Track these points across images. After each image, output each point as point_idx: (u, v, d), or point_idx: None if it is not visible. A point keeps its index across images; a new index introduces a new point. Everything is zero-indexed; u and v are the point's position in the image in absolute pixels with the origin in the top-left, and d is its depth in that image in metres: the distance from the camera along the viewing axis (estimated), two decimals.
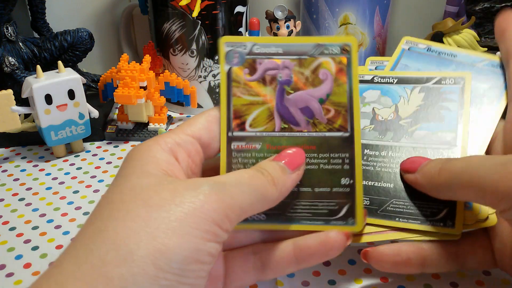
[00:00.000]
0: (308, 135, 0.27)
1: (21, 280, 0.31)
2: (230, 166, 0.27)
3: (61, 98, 0.43)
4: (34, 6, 0.53)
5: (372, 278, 0.30)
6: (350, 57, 0.28)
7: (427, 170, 0.27)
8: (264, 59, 0.28)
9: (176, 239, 0.20)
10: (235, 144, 0.27)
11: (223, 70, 0.28)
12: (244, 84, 0.28)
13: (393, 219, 0.28)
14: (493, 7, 0.57)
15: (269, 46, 0.28)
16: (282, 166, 0.25)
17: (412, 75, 0.32)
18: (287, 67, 0.28)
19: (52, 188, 0.42)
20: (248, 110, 0.28)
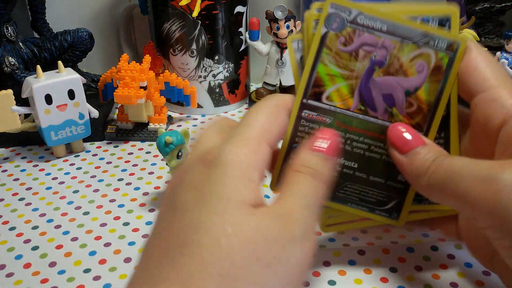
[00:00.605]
0: (381, 123, 0.26)
1: (21, 280, 0.31)
2: (295, 134, 0.26)
3: (61, 98, 0.43)
4: (34, 6, 0.53)
5: (372, 279, 0.30)
6: (454, 56, 0.26)
7: (416, 162, 0.25)
8: (365, 32, 0.26)
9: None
10: (306, 112, 0.26)
11: (319, 32, 0.26)
12: (335, 53, 0.26)
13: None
14: (493, 7, 0.57)
15: (375, 19, 0.25)
16: (326, 158, 0.24)
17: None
18: (385, 47, 0.26)
19: (52, 188, 0.42)
20: (330, 81, 0.26)
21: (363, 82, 0.26)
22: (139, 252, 0.33)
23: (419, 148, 0.25)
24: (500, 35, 0.59)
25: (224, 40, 0.54)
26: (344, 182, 0.27)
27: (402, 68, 0.26)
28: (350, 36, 0.26)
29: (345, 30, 0.26)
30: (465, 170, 0.23)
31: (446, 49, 0.26)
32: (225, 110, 0.58)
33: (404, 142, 0.26)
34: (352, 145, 0.27)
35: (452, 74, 0.26)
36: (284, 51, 0.53)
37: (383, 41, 0.26)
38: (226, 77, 0.56)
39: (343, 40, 0.26)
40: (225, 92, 0.57)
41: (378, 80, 0.26)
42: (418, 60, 0.26)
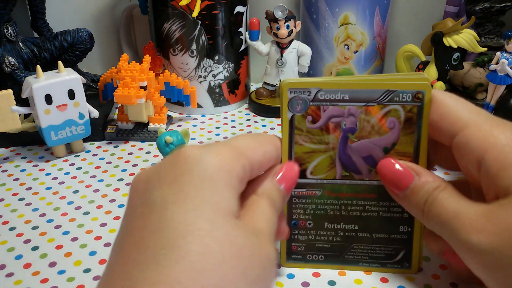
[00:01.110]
0: (369, 183, 0.27)
1: (21, 280, 0.31)
2: (291, 211, 0.28)
3: (61, 98, 0.43)
4: (34, 6, 0.53)
5: (372, 279, 0.30)
6: (422, 105, 0.26)
7: (412, 204, 0.25)
8: (329, 106, 0.26)
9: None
10: (296, 190, 0.28)
11: (286, 117, 0.27)
12: (306, 131, 0.27)
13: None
14: (493, 7, 0.57)
15: (335, 92, 0.26)
16: (283, 192, 0.25)
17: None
18: (352, 114, 0.26)
19: (52, 188, 0.42)
20: (310, 158, 0.27)
21: (341, 150, 0.27)
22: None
23: (412, 185, 0.25)
24: (500, 35, 0.59)
25: (224, 40, 0.54)
26: (350, 244, 0.28)
27: (374, 129, 0.27)
28: (316, 113, 0.27)
29: (310, 109, 0.26)
30: (456, 219, 0.23)
31: (412, 101, 0.26)
32: (225, 110, 0.58)
33: (398, 180, 0.26)
34: (347, 210, 0.28)
35: (425, 120, 0.26)
36: (284, 51, 0.53)
37: (349, 109, 0.26)
38: (226, 77, 0.56)
39: (310, 118, 0.27)
40: (225, 92, 0.57)
41: (354, 145, 0.27)
42: (388, 118, 0.26)
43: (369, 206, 0.28)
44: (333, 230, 0.28)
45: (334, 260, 0.28)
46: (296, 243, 0.29)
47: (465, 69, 0.55)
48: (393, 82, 0.25)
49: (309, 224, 0.28)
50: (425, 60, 0.55)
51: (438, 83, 0.52)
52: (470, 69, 0.55)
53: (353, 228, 0.28)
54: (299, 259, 0.29)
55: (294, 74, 0.54)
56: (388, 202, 0.28)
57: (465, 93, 0.57)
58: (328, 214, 0.28)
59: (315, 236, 0.28)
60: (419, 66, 0.56)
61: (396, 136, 0.26)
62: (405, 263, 0.28)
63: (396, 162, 0.26)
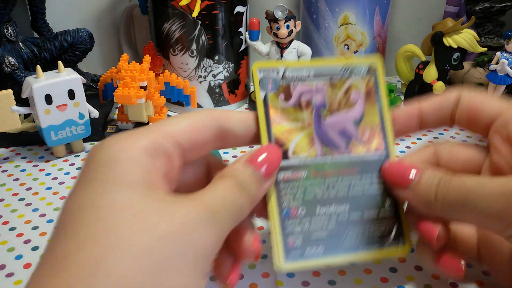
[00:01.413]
0: (348, 158, 0.28)
1: (21, 280, 0.31)
2: (281, 200, 0.27)
3: (61, 98, 0.43)
4: (34, 6, 0.53)
5: (372, 279, 0.30)
6: (376, 76, 0.29)
7: (422, 191, 0.25)
8: (298, 83, 0.28)
9: (180, 278, 0.19)
10: (281, 173, 0.27)
11: (259, 97, 0.27)
12: (281, 110, 0.27)
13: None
14: (493, 7, 0.57)
15: (301, 69, 0.28)
16: (259, 176, 0.24)
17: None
18: (320, 89, 0.28)
19: (52, 188, 0.42)
20: (290, 137, 0.27)
21: (317, 126, 0.28)
22: None
23: (418, 177, 0.26)
24: (500, 35, 0.59)
25: (224, 40, 0.54)
26: (345, 228, 0.27)
27: (341, 103, 0.28)
28: (287, 91, 0.28)
29: (281, 87, 0.28)
30: (481, 188, 0.23)
31: (368, 73, 0.29)
32: None
33: (402, 177, 0.26)
34: (335, 189, 0.28)
35: (382, 90, 0.28)
36: (284, 51, 0.53)
37: (316, 85, 0.28)
38: (226, 77, 0.56)
39: (282, 96, 0.27)
40: (225, 92, 0.57)
41: (328, 120, 0.28)
42: (351, 91, 0.28)
43: (354, 182, 0.28)
44: (326, 215, 0.27)
45: (334, 250, 0.27)
46: (293, 236, 0.27)
47: (465, 69, 0.55)
48: (349, 59, 0.29)
49: (301, 211, 0.27)
50: (425, 60, 0.55)
51: (438, 83, 0.52)
52: (470, 69, 0.55)
53: (345, 209, 0.27)
54: (298, 255, 0.26)
55: None
56: (370, 175, 0.28)
57: None
58: (318, 196, 0.27)
59: (310, 225, 0.27)
60: (419, 66, 0.56)
61: (362, 107, 0.28)
62: (400, 239, 0.27)
63: (396, 161, 0.27)
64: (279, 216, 0.26)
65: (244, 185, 0.23)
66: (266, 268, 0.31)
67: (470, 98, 0.28)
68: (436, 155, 0.28)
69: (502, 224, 0.22)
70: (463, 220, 0.25)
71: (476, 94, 0.28)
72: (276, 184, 0.27)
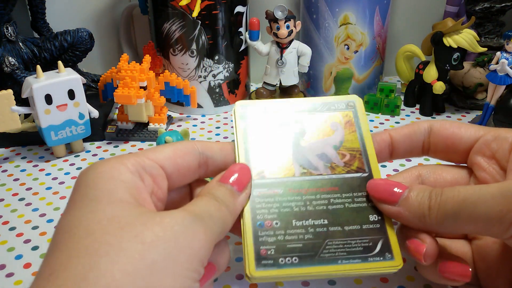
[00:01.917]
0: (328, 178, 0.28)
1: (21, 280, 0.31)
2: (255, 212, 0.27)
3: (61, 98, 0.43)
4: (34, 6, 0.53)
5: (372, 279, 0.30)
6: (355, 110, 0.30)
7: (414, 205, 0.25)
8: (278, 115, 0.30)
9: (171, 281, 0.19)
10: (257, 191, 0.28)
11: (239, 125, 0.29)
12: (260, 137, 0.29)
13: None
14: (493, 7, 0.57)
15: (281, 105, 0.30)
16: (231, 190, 0.25)
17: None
18: (299, 121, 0.30)
19: (52, 188, 0.42)
20: (267, 160, 0.28)
21: (295, 151, 0.29)
22: None
23: (406, 192, 0.26)
24: (500, 35, 0.59)
25: (224, 40, 0.54)
26: (323, 241, 0.27)
27: (321, 132, 0.30)
28: (267, 123, 0.30)
29: (261, 119, 0.30)
30: (478, 194, 0.23)
31: (347, 108, 0.30)
32: (225, 110, 0.58)
33: (390, 193, 0.26)
34: (312, 205, 0.28)
35: (362, 121, 0.30)
36: (284, 51, 0.53)
37: (295, 116, 0.30)
38: (226, 77, 0.56)
39: (262, 126, 0.29)
40: (225, 92, 0.57)
41: (306, 146, 0.29)
42: (330, 122, 0.30)
43: (333, 198, 0.28)
44: (303, 228, 0.27)
45: (310, 261, 0.26)
46: (265, 246, 0.26)
47: (465, 69, 0.55)
48: (328, 97, 0.31)
49: (276, 224, 0.27)
50: (425, 60, 0.55)
51: (438, 83, 0.52)
52: (470, 69, 0.55)
53: (323, 222, 0.27)
54: (270, 264, 0.26)
55: (294, 74, 0.54)
56: (351, 193, 0.28)
57: (465, 93, 0.57)
58: (294, 210, 0.27)
59: (284, 236, 0.27)
60: (419, 66, 0.56)
61: (341, 135, 0.30)
62: (387, 254, 0.26)
63: (382, 180, 0.27)
64: (252, 227, 0.27)
65: (221, 200, 0.24)
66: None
67: (445, 128, 0.29)
68: (421, 177, 0.29)
69: (503, 225, 0.22)
70: (459, 230, 0.25)
71: (449, 123, 0.29)
72: (252, 198, 0.27)
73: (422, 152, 0.30)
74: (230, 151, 0.28)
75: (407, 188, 0.26)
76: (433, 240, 0.26)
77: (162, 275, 0.19)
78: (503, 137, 0.27)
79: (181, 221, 0.21)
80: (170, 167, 0.25)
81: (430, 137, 0.29)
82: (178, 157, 0.26)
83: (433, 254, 0.26)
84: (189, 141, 0.27)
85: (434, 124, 0.29)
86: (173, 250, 0.20)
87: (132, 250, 0.19)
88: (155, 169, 0.24)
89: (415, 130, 0.29)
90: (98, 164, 0.23)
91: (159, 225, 0.20)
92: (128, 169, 0.23)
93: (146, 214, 0.21)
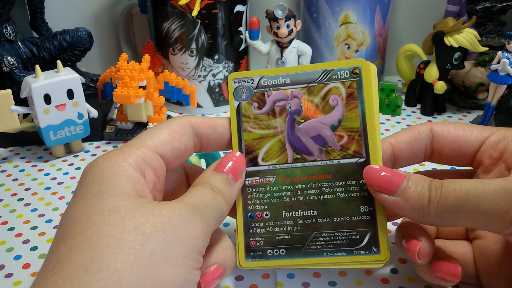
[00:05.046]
0: (322, 164, 0.27)
1: (20, 280, 0.31)
2: (246, 203, 0.28)
3: (60, 97, 0.43)
4: (33, 6, 0.53)
5: (372, 280, 0.30)
6: (360, 79, 0.27)
7: (413, 196, 0.24)
8: (273, 91, 0.28)
9: (171, 270, 0.20)
10: (249, 179, 0.28)
11: (233, 106, 0.28)
12: (254, 118, 0.28)
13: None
14: (494, 6, 0.57)
15: (277, 77, 0.28)
16: (227, 178, 0.26)
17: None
18: (296, 96, 0.28)
19: (51, 188, 0.41)
20: (260, 144, 0.28)
21: (289, 133, 0.28)
22: None
23: (405, 183, 0.25)
24: (501, 34, 0.58)
25: (224, 40, 0.54)
26: (311, 233, 0.27)
27: (319, 108, 0.27)
28: (261, 99, 0.28)
29: (255, 96, 0.28)
30: (480, 189, 0.23)
31: (350, 76, 0.27)
32: (225, 110, 0.58)
33: (389, 182, 0.25)
34: (304, 194, 0.27)
35: (366, 94, 0.27)
36: (285, 50, 0.53)
37: (292, 91, 0.28)
38: (226, 76, 0.56)
39: (256, 105, 0.28)
40: (224, 91, 0.57)
41: (301, 126, 0.28)
42: (330, 96, 0.27)
43: (326, 188, 0.27)
44: (292, 219, 0.27)
45: (296, 253, 0.27)
46: (255, 238, 0.27)
47: (466, 68, 0.55)
48: (330, 63, 0.27)
49: (266, 215, 0.27)
50: (426, 60, 0.55)
51: (439, 83, 0.52)
52: (471, 68, 0.55)
53: (312, 214, 0.27)
54: (259, 256, 0.27)
55: None
56: (344, 182, 0.27)
57: (466, 92, 0.56)
58: (285, 201, 0.27)
59: (273, 228, 0.27)
60: (420, 65, 0.55)
61: (341, 112, 0.27)
62: (373, 248, 0.26)
63: (380, 167, 0.26)
64: (243, 219, 0.28)
65: (217, 189, 0.25)
66: (266, 268, 0.31)
67: (448, 132, 0.27)
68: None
69: (505, 222, 0.22)
70: (457, 224, 0.24)
71: (452, 126, 0.27)
72: (244, 188, 0.27)
73: (424, 158, 0.28)
74: (225, 128, 0.28)
75: (406, 178, 0.25)
76: (429, 240, 0.26)
77: (162, 265, 0.20)
78: (510, 137, 0.26)
79: (178, 212, 0.21)
80: (168, 153, 0.25)
81: (433, 142, 0.28)
82: (175, 140, 0.26)
83: (428, 253, 0.26)
84: (184, 117, 0.27)
85: (435, 128, 0.28)
86: (171, 241, 0.20)
87: (132, 241, 0.19)
88: (156, 160, 0.25)
89: (416, 136, 0.28)
90: (100, 160, 0.23)
91: (158, 217, 0.21)
92: (130, 165, 0.23)
93: (146, 205, 0.21)
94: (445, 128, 0.27)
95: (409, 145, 0.28)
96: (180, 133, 0.26)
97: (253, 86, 0.28)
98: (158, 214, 0.21)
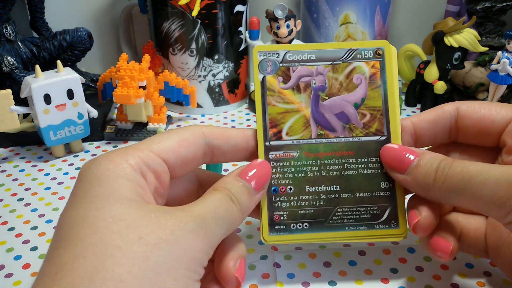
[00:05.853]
0: (345, 141, 0.28)
1: (20, 280, 0.31)
2: (270, 177, 0.27)
3: (60, 97, 0.43)
4: (33, 6, 0.53)
5: (372, 279, 0.30)
6: (383, 60, 0.28)
7: (420, 175, 0.25)
8: (298, 66, 0.28)
9: (173, 281, 0.20)
10: (273, 153, 0.28)
11: (257, 79, 0.28)
12: (278, 92, 0.28)
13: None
14: (494, 6, 0.57)
15: (302, 53, 0.28)
16: (249, 189, 0.25)
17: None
18: (320, 73, 0.28)
19: (51, 188, 0.41)
20: (284, 119, 0.28)
21: (314, 109, 0.28)
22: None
23: (416, 161, 0.25)
24: (501, 34, 0.59)
25: (224, 40, 0.54)
26: (334, 208, 0.28)
27: (342, 86, 0.28)
28: (286, 74, 0.28)
29: (280, 70, 0.28)
30: (484, 174, 0.23)
31: (374, 57, 0.28)
32: (225, 110, 0.58)
33: (400, 161, 0.26)
34: (327, 170, 0.28)
35: (389, 75, 0.28)
36: None
37: (317, 68, 0.28)
38: (226, 76, 0.56)
39: (281, 79, 0.28)
40: (224, 91, 0.57)
41: (326, 103, 0.28)
42: (354, 74, 0.28)
43: (348, 164, 0.28)
44: (315, 194, 0.28)
45: (319, 227, 0.27)
46: (278, 212, 0.28)
47: (466, 68, 0.55)
48: (354, 42, 0.28)
49: (289, 189, 0.28)
50: (426, 60, 0.55)
51: (439, 83, 0.52)
52: (471, 68, 0.55)
53: (335, 189, 0.28)
54: (282, 229, 0.27)
55: None
56: (366, 158, 0.28)
57: (466, 92, 0.56)
58: (308, 176, 0.28)
59: (297, 202, 0.28)
60: (420, 65, 0.55)
61: (364, 91, 0.28)
62: (393, 222, 0.28)
63: (395, 144, 0.27)
64: (267, 193, 0.27)
65: (236, 197, 0.24)
66: (266, 268, 0.31)
67: (474, 111, 0.27)
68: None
69: (503, 210, 0.22)
70: (461, 205, 0.25)
71: (478, 104, 0.27)
72: (268, 162, 0.27)
73: (449, 137, 0.28)
74: (239, 139, 0.27)
75: (417, 157, 0.25)
76: (430, 214, 0.26)
77: (165, 276, 0.19)
78: None
79: (183, 225, 0.21)
80: (173, 159, 0.24)
81: (458, 121, 0.27)
82: (183, 148, 0.25)
83: (425, 228, 0.26)
84: (198, 126, 0.26)
85: (461, 107, 0.27)
86: (175, 253, 0.20)
87: (137, 252, 0.19)
88: (159, 165, 0.24)
89: (440, 115, 0.28)
90: (100, 159, 0.22)
91: (162, 228, 0.20)
92: (131, 166, 0.22)
93: (151, 215, 0.21)
94: (471, 106, 0.27)
95: (432, 124, 0.28)
96: (189, 141, 0.25)
97: (278, 60, 0.28)
98: (163, 226, 0.20)
